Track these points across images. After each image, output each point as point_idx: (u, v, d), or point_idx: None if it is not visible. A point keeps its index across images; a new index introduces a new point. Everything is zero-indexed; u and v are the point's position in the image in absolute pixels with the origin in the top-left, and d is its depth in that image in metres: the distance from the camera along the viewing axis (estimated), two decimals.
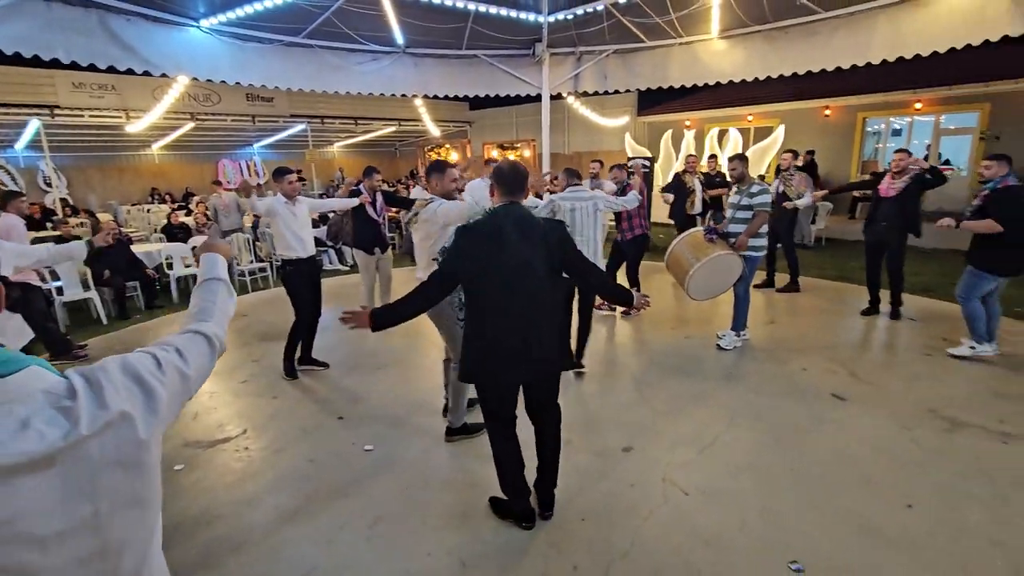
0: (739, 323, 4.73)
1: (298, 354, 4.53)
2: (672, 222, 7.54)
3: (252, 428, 3.65)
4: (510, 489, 2.54)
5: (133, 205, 13.98)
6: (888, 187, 5.06)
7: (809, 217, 9.46)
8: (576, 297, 4.06)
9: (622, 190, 5.03)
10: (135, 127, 11.16)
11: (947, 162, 12.09)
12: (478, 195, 4.78)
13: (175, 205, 13.14)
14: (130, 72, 5.66)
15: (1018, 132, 9.71)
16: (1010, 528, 2.45)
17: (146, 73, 5.64)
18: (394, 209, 6.68)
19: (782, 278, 6.51)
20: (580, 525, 2.56)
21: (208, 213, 8.85)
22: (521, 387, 2.45)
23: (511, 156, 15.87)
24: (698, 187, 7.26)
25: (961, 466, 2.94)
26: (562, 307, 2.46)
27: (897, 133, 12.52)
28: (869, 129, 12.09)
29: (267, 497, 2.88)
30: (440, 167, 3.28)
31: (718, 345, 4.72)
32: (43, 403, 0.76)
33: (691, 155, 7.94)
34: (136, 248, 7.23)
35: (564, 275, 2.38)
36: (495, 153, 16.31)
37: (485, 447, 2.60)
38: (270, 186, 4.26)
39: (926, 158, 10.50)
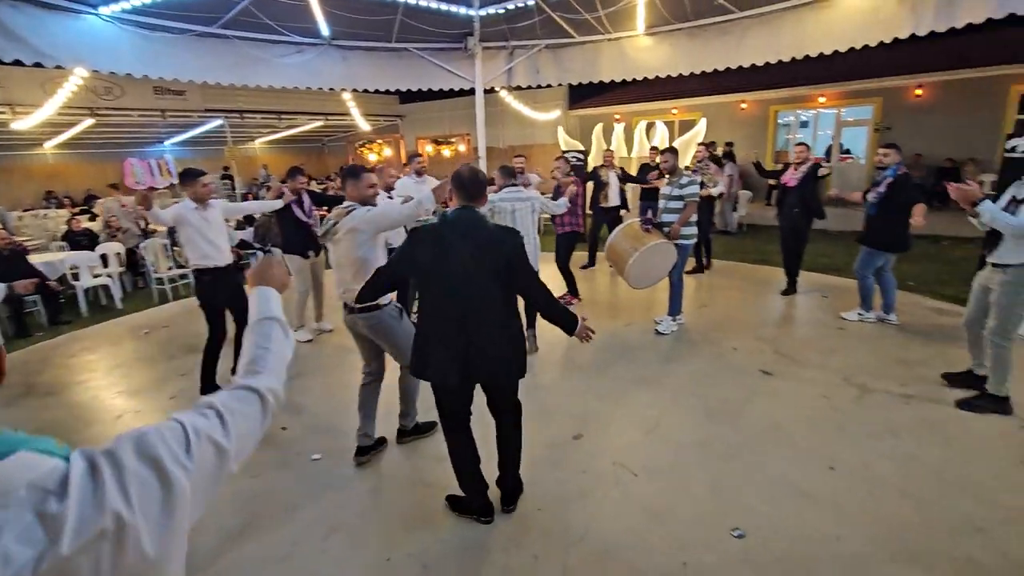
0: (675, 308, 4.97)
1: (231, 364, 4.27)
2: (590, 213, 7.81)
3: None
4: (467, 485, 2.56)
5: (25, 211, 12.55)
6: (791, 177, 5.56)
7: (731, 205, 10.07)
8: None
9: (556, 189, 5.19)
10: (23, 124, 10.02)
11: (847, 151, 13.24)
12: (412, 193, 4.70)
13: (76, 209, 11.95)
14: (17, 63, 5.06)
15: (906, 123, 10.80)
16: (915, 479, 2.76)
17: (38, 65, 5.08)
18: (324, 208, 6.43)
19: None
20: (537, 515, 2.61)
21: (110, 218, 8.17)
22: (479, 385, 2.47)
23: (446, 151, 15.70)
24: (614, 180, 7.52)
25: (872, 427, 3.26)
26: (514, 313, 2.40)
27: (804, 125, 13.54)
28: (780, 121, 13.01)
29: (210, 519, 2.71)
30: (355, 172, 3.03)
31: (656, 330, 4.94)
32: (23, 505, 0.58)
33: (608, 150, 8.16)
34: (34, 258, 6.53)
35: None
36: (428, 148, 16.08)
37: (436, 446, 2.59)
38: (183, 187, 3.88)
39: (828, 148, 11.49)
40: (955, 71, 9.96)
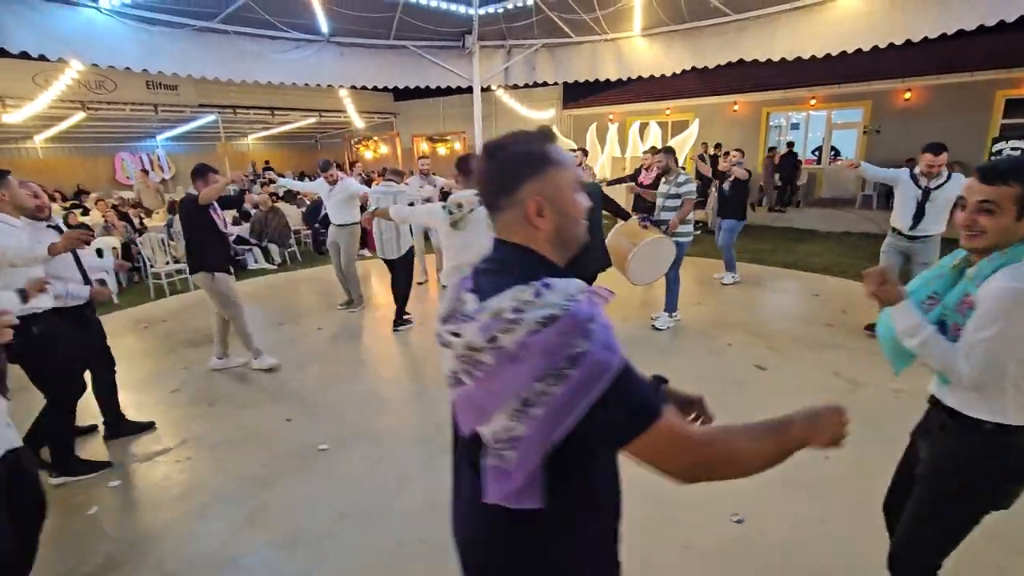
0: (671, 304, 5.06)
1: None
2: None
3: (192, 437, 3.46)
4: None
5: None
6: (645, 177, 6.67)
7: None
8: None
9: None
10: (14, 117, 9.94)
11: (837, 153, 13.46)
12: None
13: (68, 204, 11.83)
14: (4, 54, 5.01)
15: (895, 126, 11.00)
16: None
17: (42, 58, 5.06)
18: (233, 211, 6.29)
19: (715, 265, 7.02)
20: None
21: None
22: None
23: (441, 149, 15.74)
24: None
25: (862, 419, 3.33)
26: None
27: (795, 127, 13.73)
28: (772, 123, 13.18)
29: (218, 506, 2.76)
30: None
31: (653, 326, 5.03)
32: None
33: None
34: None
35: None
36: (424, 146, 16.09)
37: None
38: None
39: (819, 148, 11.67)
40: (943, 75, 10.17)
